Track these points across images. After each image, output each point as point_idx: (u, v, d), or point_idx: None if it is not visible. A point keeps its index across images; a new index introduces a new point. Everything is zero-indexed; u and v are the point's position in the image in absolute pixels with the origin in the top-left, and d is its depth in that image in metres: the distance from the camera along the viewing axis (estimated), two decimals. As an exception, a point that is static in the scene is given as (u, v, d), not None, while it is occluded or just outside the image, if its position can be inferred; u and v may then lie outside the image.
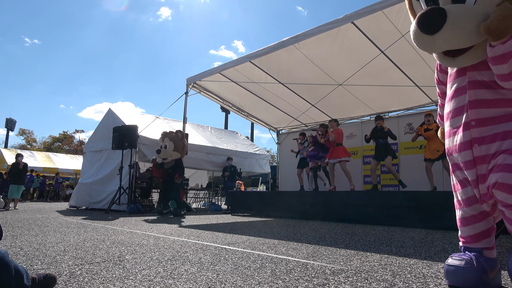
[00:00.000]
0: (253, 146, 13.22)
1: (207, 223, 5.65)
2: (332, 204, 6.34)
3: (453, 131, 1.78)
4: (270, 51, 6.77)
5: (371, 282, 1.86)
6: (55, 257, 2.53)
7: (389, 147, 6.98)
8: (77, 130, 45.19)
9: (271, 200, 7.52)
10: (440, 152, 6.32)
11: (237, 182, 10.16)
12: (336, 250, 2.92)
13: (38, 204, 13.86)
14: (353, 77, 7.36)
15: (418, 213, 5.15)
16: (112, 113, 10.10)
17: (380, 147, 6.96)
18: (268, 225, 5.31)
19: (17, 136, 50.13)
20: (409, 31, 1.76)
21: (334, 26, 5.83)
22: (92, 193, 9.52)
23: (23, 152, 20.37)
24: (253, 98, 9.41)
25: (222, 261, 2.42)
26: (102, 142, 10.03)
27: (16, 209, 9.26)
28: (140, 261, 2.39)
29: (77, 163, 20.99)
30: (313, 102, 9.01)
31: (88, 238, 3.58)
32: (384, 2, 5.14)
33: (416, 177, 8.01)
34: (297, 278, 1.96)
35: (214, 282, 1.84)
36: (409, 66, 7.00)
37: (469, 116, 1.68)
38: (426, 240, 3.64)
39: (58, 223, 5.32)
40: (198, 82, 8.65)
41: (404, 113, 8.89)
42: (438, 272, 2.13)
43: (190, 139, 9.55)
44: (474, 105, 1.67)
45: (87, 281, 1.84)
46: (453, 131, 1.78)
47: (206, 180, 14.47)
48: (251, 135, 24.90)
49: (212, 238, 3.69)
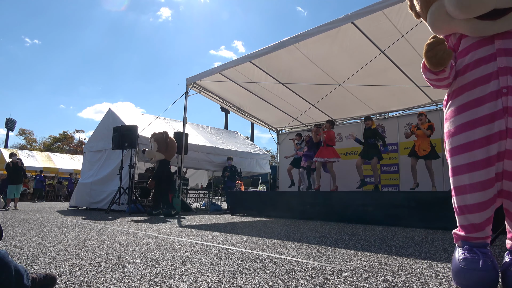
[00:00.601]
0: (253, 146, 13.22)
1: (207, 223, 5.65)
2: (332, 204, 6.34)
3: (473, 103, 1.66)
4: (270, 51, 6.77)
5: (371, 282, 1.86)
6: (55, 257, 2.52)
7: (377, 148, 7.08)
8: (77, 130, 45.23)
9: (271, 200, 7.53)
10: (426, 152, 6.48)
11: (237, 182, 10.16)
12: (336, 250, 2.92)
13: (38, 204, 13.86)
14: (353, 77, 7.35)
15: (418, 213, 5.15)
16: (112, 113, 10.10)
17: (369, 147, 7.03)
18: (268, 225, 5.31)
19: (17, 136, 50.14)
20: (409, 31, 1.78)
21: (334, 26, 5.83)
22: (92, 193, 9.52)
23: (23, 152, 20.41)
24: (253, 98, 9.41)
25: (222, 261, 2.42)
26: (102, 142, 10.03)
27: (17, 209, 9.25)
28: (140, 261, 2.39)
29: (77, 163, 20.99)
30: (313, 102, 9.01)
31: (88, 238, 3.58)
32: (384, 2, 5.14)
33: (417, 177, 8.01)
34: (297, 278, 1.96)
35: (214, 282, 1.84)
36: (409, 66, 7.00)
37: (499, 83, 1.59)
38: (426, 240, 3.63)
39: (58, 223, 5.32)
40: (198, 82, 8.65)
41: (404, 113, 8.89)
42: (438, 272, 2.13)
43: (190, 139, 9.55)
44: (506, 71, 1.59)
45: (87, 281, 1.84)
46: (473, 103, 1.66)
47: (206, 180, 14.47)
48: (251, 135, 24.93)
49: (212, 238, 3.69)
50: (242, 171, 11.50)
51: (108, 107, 10.66)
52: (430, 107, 8.40)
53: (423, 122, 6.55)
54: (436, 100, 8.14)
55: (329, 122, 7.63)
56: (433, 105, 8.31)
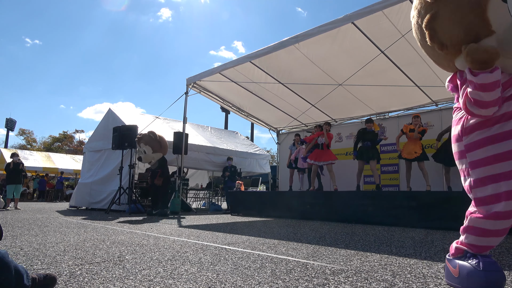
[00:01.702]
0: (253, 146, 13.23)
1: (207, 223, 5.65)
2: (332, 204, 6.34)
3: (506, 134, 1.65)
4: (270, 51, 6.77)
5: (371, 282, 1.86)
6: (55, 257, 2.53)
7: (376, 150, 7.16)
8: (77, 130, 45.22)
9: (271, 200, 7.53)
10: (417, 154, 6.65)
11: (237, 182, 10.16)
12: (336, 250, 2.92)
13: (38, 204, 13.86)
14: (353, 77, 7.35)
15: (418, 213, 5.15)
16: (112, 113, 10.11)
17: (368, 149, 7.06)
18: (268, 225, 5.31)
19: (17, 136, 50.13)
20: (409, 31, 1.75)
21: (334, 26, 5.83)
22: (92, 193, 9.52)
23: (23, 152, 20.40)
24: (253, 98, 9.41)
25: (222, 261, 2.42)
26: (102, 142, 10.03)
27: (18, 209, 9.24)
28: (140, 261, 2.39)
29: (77, 163, 21.00)
30: (313, 102, 9.01)
31: (88, 238, 3.58)
32: (384, 2, 5.14)
33: (415, 177, 8.01)
34: (297, 278, 1.96)
35: (214, 282, 1.84)
36: (409, 66, 7.00)
37: None
38: (426, 240, 3.64)
39: (58, 223, 5.32)
40: (198, 82, 8.65)
41: (404, 113, 8.88)
42: (438, 272, 2.13)
43: (190, 139, 9.55)
44: None
45: (87, 281, 1.84)
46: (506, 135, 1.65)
47: (206, 180, 14.47)
48: (251, 135, 24.92)
49: (212, 238, 3.69)
50: (242, 171, 11.50)
51: (108, 107, 10.67)
52: (430, 107, 8.40)
53: (417, 124, 6.71)
54: (436, 100, 8.14)
55: (329, 124, 7.73)
56: (433, 105, 8.31)
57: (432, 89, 7.66)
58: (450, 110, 7.98)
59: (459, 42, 1.72)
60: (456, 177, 6.35)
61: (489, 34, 1.63)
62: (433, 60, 1.96)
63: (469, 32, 1.67)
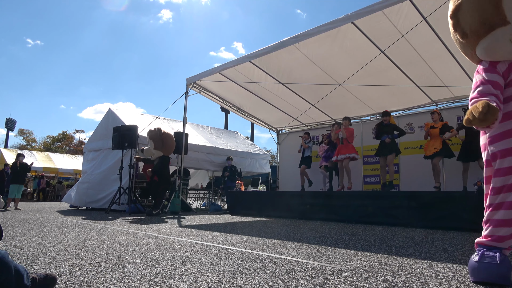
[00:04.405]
0: (253, 146, 13.23)
1: (207, 223, 5.65)
2: (332, 204, 6.34)
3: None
4: (270, 51, 6.77)
5: (371, 282, 1.86)
6: (55, 257, 2.52)
7: (395, 143, 6.99)
8: (77, 130, 45.19)
9: (271, 200, 7.53)
10: (436, 149, 6.42)
11: (237, 182, 10.16)
12: (336, 250, 2.92)
13: (38, 204, 13.86)
14: (353, 77, 7.35)
15: (418, 213, 5.15)
16: (112, 113, 10.11)
17: (385, 144, 6.92)
18: (268, 225, 5.31)
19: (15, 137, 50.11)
20: (409, 31, 1.79)
21: (334, 26, 5.83)
22: (91, 193, 9.52)
23: (23, 152, 20.38)
24: (253, 98, 9.40)
25: (222, 261, 2.42)
26: (102, 142, 10.03)
27: (18, 209, 9.25)
28: (140, 261, 2.39)
29: (77, 163, 20.99)
30: (313, 102, 9.01)
31: (88, 238, 3.58)
32: (384, 2, 5.14)
33: (416, 177, 8.02)
34: (297, 278, 1.96)
35: (214, 282, 1.84)
36: (409, 66, 7.00)
37: None
38: (426, 240, 3.64)
39: (58, 223, 5.32)
40: (198, 82, 8.65)
41: (404, 113, 8.89)
42: (438, 272, 2.13)
43: (190, 139, 9.55)
44: None
45: (87, 281, 1.84)
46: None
47: (206, 180, 14.47)
48: (251, 135, 24.89)
49: (212, 238, 3.69)
50: (242, 171, 11.50)
51: (109, 107, 10.67)
52: (430, 107, 8.40)
53: (436, 121, 6.59)
54: (436, 100, 8.14)
55: (347, 119, 7.46)
56: (433, 105, 8.31)
57: (432, 89, 7.66)
58: (450, 110, 7.99)
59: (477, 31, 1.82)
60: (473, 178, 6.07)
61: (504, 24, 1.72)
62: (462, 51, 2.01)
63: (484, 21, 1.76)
